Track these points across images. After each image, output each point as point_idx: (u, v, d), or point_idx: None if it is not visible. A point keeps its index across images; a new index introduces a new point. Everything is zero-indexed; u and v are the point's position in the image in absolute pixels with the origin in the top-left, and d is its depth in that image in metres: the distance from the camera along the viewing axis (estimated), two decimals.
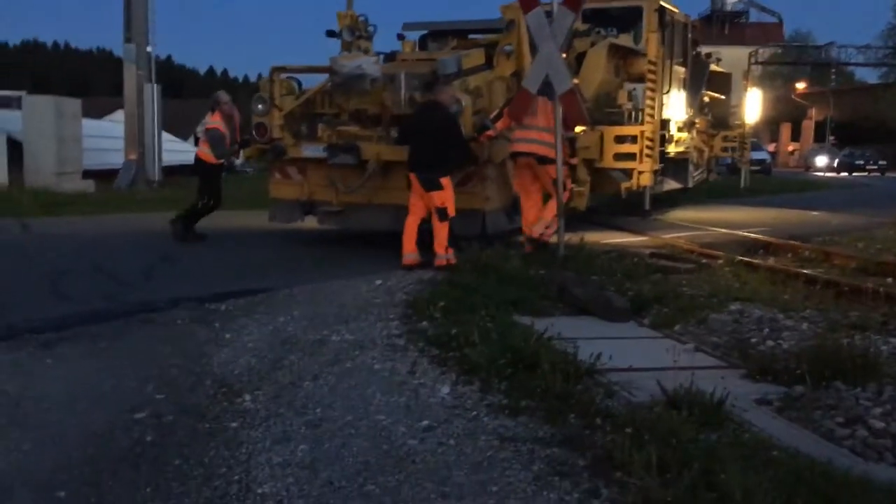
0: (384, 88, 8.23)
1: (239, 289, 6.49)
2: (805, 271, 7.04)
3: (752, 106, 25.18)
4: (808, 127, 61.55)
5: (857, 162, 41.43)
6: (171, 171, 22.46)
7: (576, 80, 7.34)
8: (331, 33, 9.25)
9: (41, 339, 4.83)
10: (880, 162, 41.38)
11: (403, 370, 4.31)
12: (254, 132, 8.91)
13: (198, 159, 9.49)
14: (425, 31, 10.11)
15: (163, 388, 4.08)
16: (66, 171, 16.30)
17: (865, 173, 39.87)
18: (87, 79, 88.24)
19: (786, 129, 62.72)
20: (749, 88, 27.34)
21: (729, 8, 66.46)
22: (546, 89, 6.88)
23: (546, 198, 7.74)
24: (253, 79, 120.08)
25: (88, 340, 4.90)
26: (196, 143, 57.28)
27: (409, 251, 7.34)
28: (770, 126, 57.39)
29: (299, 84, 9.14)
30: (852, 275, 7.42)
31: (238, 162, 75.56)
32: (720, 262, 7.44)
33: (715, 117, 16.08)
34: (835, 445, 3.19)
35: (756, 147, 32.00)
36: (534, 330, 4.56)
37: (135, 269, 7.23)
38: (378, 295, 6.30)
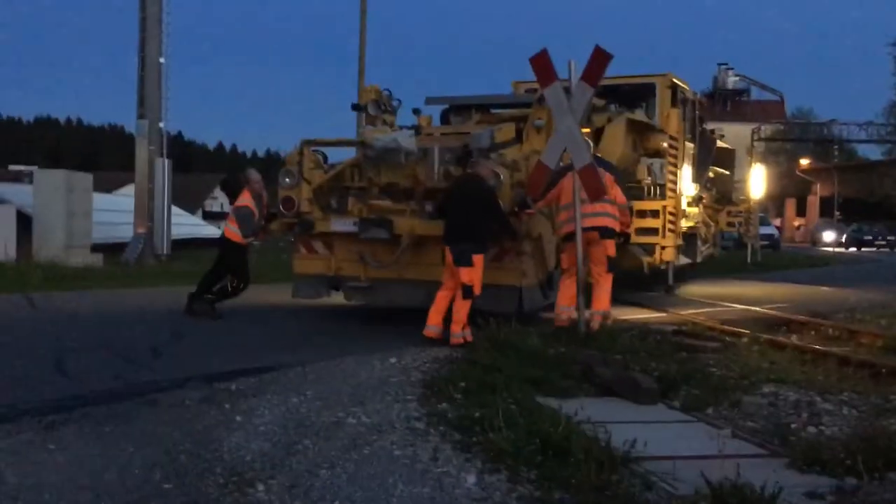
0: (417, 162, 8.16)
1: (249, 367, 6.29)
2: (835, 351, 6.80)
3: (757, 181, 25.25)
4: (813, 202, 61.79)
5: (866, 237, 41.42)
6: (178, 245, 22.45)
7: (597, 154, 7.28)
8: (356, 107, 9.30)
9: (43, 422, 4.60)
10: (889, 237, 41.33)
11: (425, 457, 4.08)
12: (280, 206, 8.73)
13: (225, 238, 9.25)
14: (447, 106, 10.09)
15: (171, 476, 3.84)
16: (74, 244, 16.22)
17: (874, 248, 39.79)
18: (99, 154, 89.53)
19: (791, 205, 62.92)
20: (753, 164, 27.49)
21: (731, 86, 67.44)
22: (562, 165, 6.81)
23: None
24: (261, 154, 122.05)
25: (93, 423, 4.67)
26: (204, 217, 57.10)
27: (435, 323, 7.22)
28: (775, 202, 57.63)
29: (325, 157, 9.08)
30: (880, 353, 7.18)
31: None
32: (745, 340, 7.22)
33: (719, 192, 16.07)
34: None
35: (764, 222, 31.97)
36: (562, 414, 4.34)
37: (143, 346, 7.02)
38: (393, 374, 6.09)
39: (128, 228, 21.44)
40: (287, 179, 8.69)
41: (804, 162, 60.42)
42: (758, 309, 10.43)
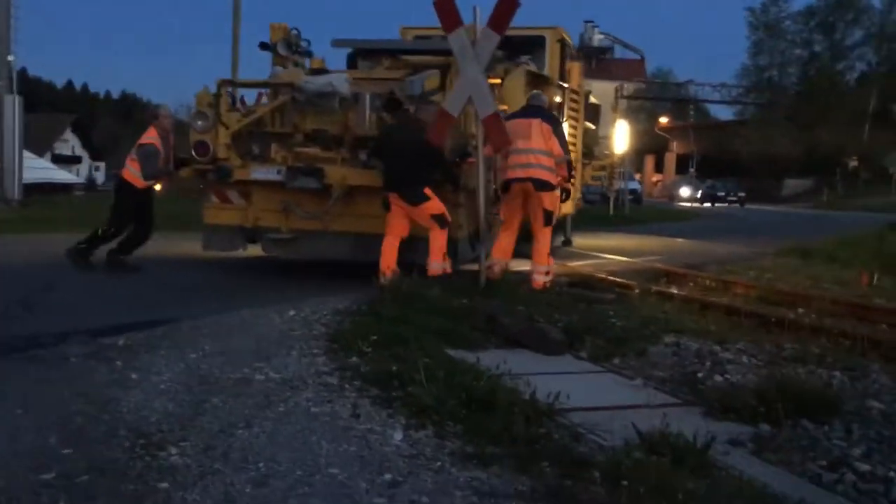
0: (348, 108, 7.79)
1: (135, 320, 5.89)
2: (723, 301, 7.12)
3: (621, 137, 26.10)
4: (671, 159, 64.89)
5: (719, 193, 43.97)
6: (28, 190, 20.91)
7: (504, 107, 7.15)
8: (264, 46, 8.70)
9: None
10: (739, 193, 44.01)
11: (345, 413, 3.93)
12: (193, 151, 8.05)
13: (122, 180, 8.47)
14: (352, 50, 9.65)
15: (69, 440, 3.51)
16: None
17: (726, 204, 42.29)
18: None
19: (650, 161, 65.83)
20: (617, 120, 28.36)
21: (596, 44, 69.16)
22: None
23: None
24: (116, 95, 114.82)
25: None
26: (53, 160, 53.27)
27: (388, 271, 7.04)
28: (634, 158, 60.09)
29: (233, 100, 8.51)
30: (756, 303, 7.59)
31: (100, 180, 71.23)
32: (637, 291, 7.42)
33: (585, 146, 16.51)
34: (832, 493, 3.06)
35: (628, 177, 33.26)
36: (482, 367, 4.29)
37: (11, 299, 6.45)
38: (294, 327, 5.86)
39: None
40: (200, 122, 8.05)
41: (663, 120, 63.08)
42: (636, 260, 10.80)
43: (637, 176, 58.20)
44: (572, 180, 8.30)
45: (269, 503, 2.95)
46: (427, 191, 6.95)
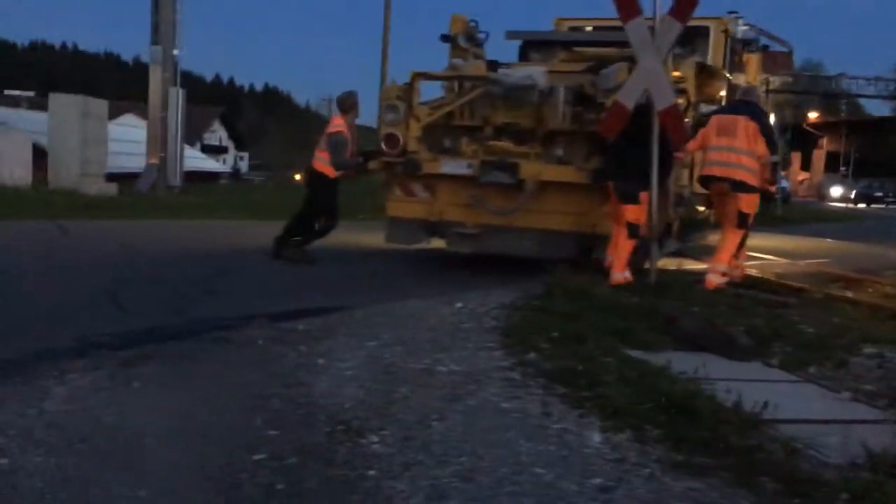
0: (542, 102, 7.64)
1: (309, 307, 6.06)
2: None
3: (777, 134, 24.79)
4: (819, 157, 61.44)
5: (876, 194, 41.23)
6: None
7: (680, 100, 6.88)
8: (445, 38, 8.72)
9: (118, 358, 4.35)
10: None
11: (535, 411, 3.83)
12: (383, 143, 8.05)
13: (314, 171, 8.43)
14: (522, 42, 9.53)
15: (272, 422, 3.59)
16: (89, 172, 15.85)
17: (883, 205, 39.61)
18: (95, 82, 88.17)
19: (796, 159, 62.58)
20: (770, 115, 26.97)
21: (740, 35, 66.24)
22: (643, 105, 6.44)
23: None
24: (259, 88, 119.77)
25: (168, 361, 4.42)
26: (202, 150, 55.75)
27: (621, 268, 6.92)
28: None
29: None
30: None
31: (244, 169, 74.11)
32: (818, 296, 6.97)
33: None
34: None
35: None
36: (673, 371, 4.10)
37: (193, 282, 6.78)
38: (464, 319, 5.85)
39: (136, 159, 21.03)
40: (391, 115, 8.00)
41: (812, 115, 59.82)
42: (803, 263, 10.22)
43: (783, 174, 55.67)
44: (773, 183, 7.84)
45: (480, 499, 2.90)
46: (643, 195, 6.72)
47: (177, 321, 5.39)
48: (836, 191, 43.75)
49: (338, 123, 8.31)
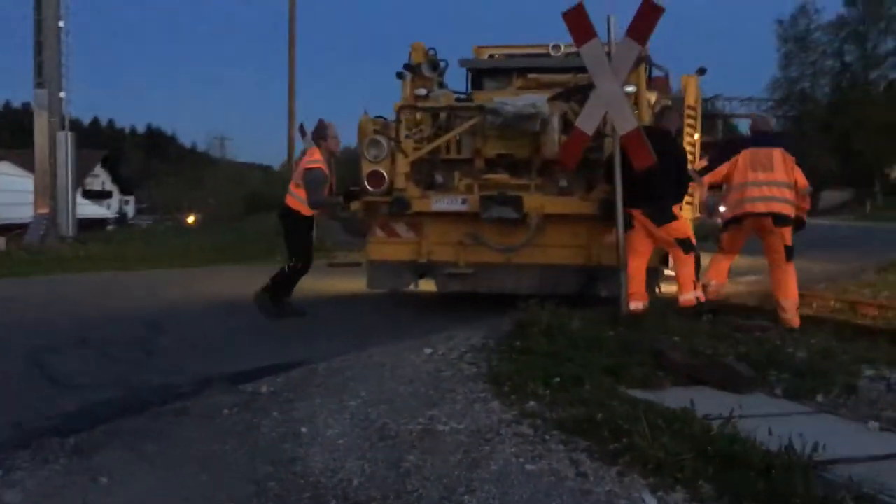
0: (539, 131, 7.31)
1: (266, 364, 5.52)
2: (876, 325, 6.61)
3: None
4: None
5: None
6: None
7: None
8: (408, 67, 8.25)
9: (68, 446, 3.72)
10: None
11: (568, 472, 3.45)
12: (366, 182, 7.50)
13: (287, 209, 7.73)
14: (473, 70, 9.17)
15: None
16: None
17: None
18: None
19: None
20: None
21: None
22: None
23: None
24: (141, 129, 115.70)
25: (128, 444, 3.81)
26: (84, 195, 52.82)
27: (641, 298, 6.65)
28: None
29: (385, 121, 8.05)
30: None
31: (130, 214, 71.66)
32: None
33: None
34: None
35: None
36: (695, 412, 3.82)
37: (125, 344, 6.09)
38: (440, 367, 5.42)
39: (20, 209, 19.71)
40: (374, 150, 7.48)
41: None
42: (744, 281, 10.31)
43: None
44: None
45: None
46: (676, 210, 6.48)
47: (121, 393, 4.75)
48: (723, 208, 45.52)
49: (315, 158, 7.63)
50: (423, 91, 7.98)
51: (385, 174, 7.46)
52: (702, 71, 8.40)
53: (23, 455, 3.57)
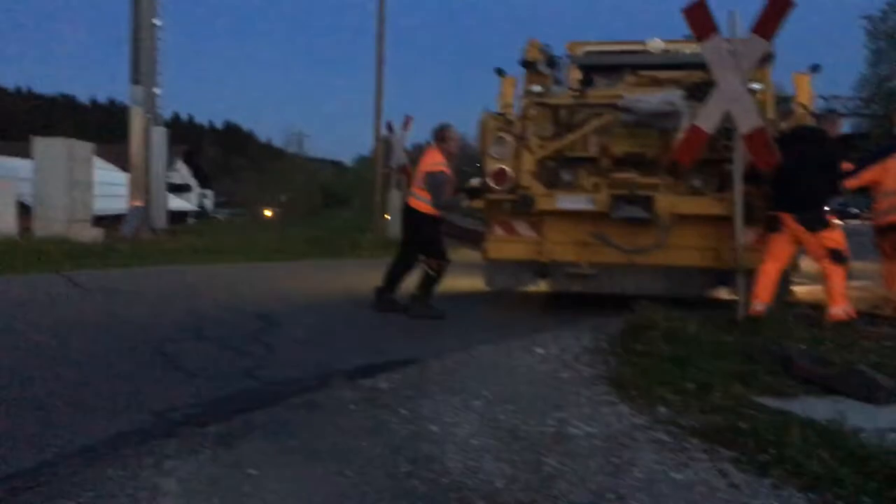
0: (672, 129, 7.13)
1: (379, 361, 5.54)
2: None
3: None
4: None
5: (851, 210, 41.70)
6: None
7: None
8: (524, 63, 8.19)
9: (210, 435, 3.78)
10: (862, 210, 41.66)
11: (719, 483, 3.35)
12: (491, 179, 7.44)
13: (412, 211, 7.57)
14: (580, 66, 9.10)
15: None
16: (77, 218, 15.10)
17: (858, 221, 39.96)
18: (50, 125, 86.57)
19: None
20: None
21: None
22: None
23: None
24: (219, 125, 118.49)
25: (267, 435, 3.86)
26: (181, 189, 54.44)
27: (765, 300, 6.47)
28: None
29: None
30: None
31: (209, 207, 73.18)
32: None
33: None
34: None
35: None
36: (846, 425, 3.67)
37: (242, 336, 6.19)
38: (556, 368, 5.36)
39: (114, 201, 20.33)
40: (498, 148, 7.41)
41: None
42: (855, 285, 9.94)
43: None
44: None
45: None
46: (830, 217, 6.32)
47: (251, 384, 4.83)
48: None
49: (437, 161, 7.52)
50: (538, 88, 7.89)
51: (510, 171, 7.35)
52: (815, 68, 8.09)
53: (169, 444, 3.64)
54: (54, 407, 4.18)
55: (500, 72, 8.61)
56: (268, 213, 57.23)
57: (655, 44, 8.99)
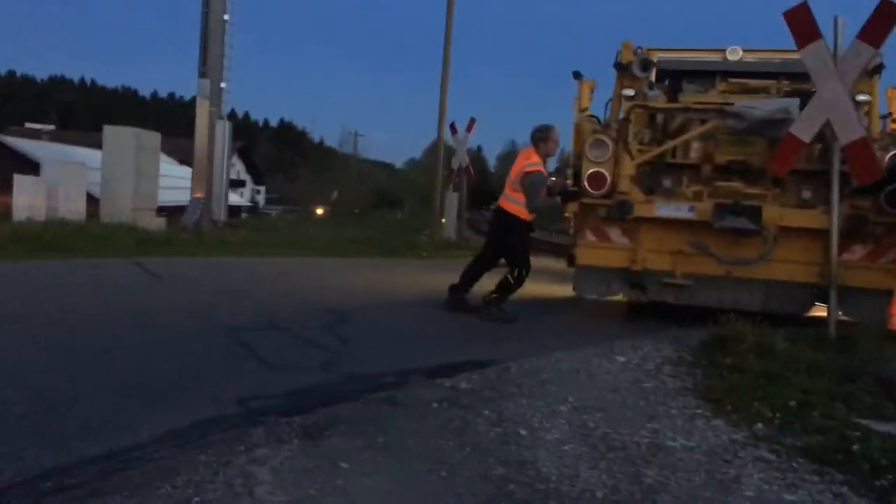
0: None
1: (456, 360, 5.43)
2: None
3: None
4: None
5: None
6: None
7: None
8: (618, 66, 8.00)
9: (296, 426, 3.69)
10: None
11: None
12: (587, 183, 7.23)
13: (504, 213, 7.26)
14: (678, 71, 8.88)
15: None
16: (142, 206, 15.28)
17: None
18: (110, 116, 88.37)
19: None
20: None
21: None
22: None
23: None
24: (274, 123, 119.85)
25: (353, 430, 3.75)
26: (235, 184, 55.04)
27: None
28: None
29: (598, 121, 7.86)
30: None
31: (261, 203, 74.10)
32: None
33: None
34: None
35: None
36: None
37: (316, 329, 6.12)
38: (639, 377, 5.18)
39: (173, 192, 20.52)
40: (597, 151, 7.20)
41: None
42: None
43: None
44: None
45: None
46: None
47: (330, 378, 4.74)
48: None
49: (534, 161, 7.24)
50: (630, 92, 7.69)
51: (608, 175, 7.16)
52: None
53: (256, 433, 3.57)
54: (141, 390, 4.14)
55: (577, 75, 8.44)
56: (319, 211, 57.77)
57: (735, 51, 8.74)
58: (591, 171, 7.17)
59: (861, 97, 6.56)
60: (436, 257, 16.36)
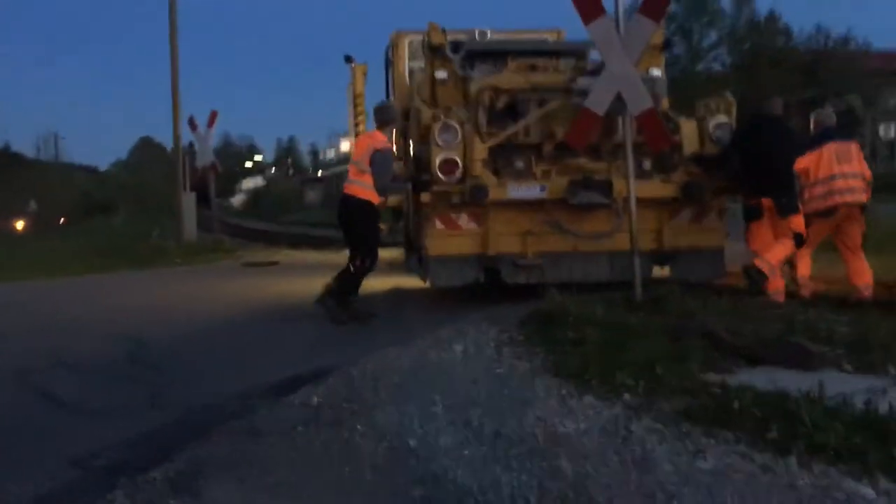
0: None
1: (291, 373, 5.11)
2: None
3: None
4: None
5: None
6: None
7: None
8: (432, 48, 7.76)
9: (160, 481, 3.12)
10: None
11: (747, 466, 3.22)
12: (438, 170, 6.82)
13: (351, 199, 6.91)
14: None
15: None
16: None
17: None
18: None
19: None
20: None
21: None
22: (618, 108, 6.07)
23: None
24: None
25: (225, 475, 3.24)
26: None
27: (780, 287, 6.80)
28: None
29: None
30: None
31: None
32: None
33: None
34: None
35: None
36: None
37: (118, 361, 5.33)
38: (487, 364, 5.07)
39: None
40: (447, 135, 6.83)
41: None
42: None
43: None
44: None
45: None
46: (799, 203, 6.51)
47: (164, 416, 4.14)
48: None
49: (381, 140, 6.89)
50: (443, 73, 7.51)
51: (459, 161, 6.88)
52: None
53: (118, 498, 2.93)
54: None
55: (348, 59, 8.12)
56: (19, 225, 51.78)
57: (483, 33, 8.99)
58: (441, 156, 6.87)
59: (655, 71, 6.97)
60: (194, 263, 15.10)
